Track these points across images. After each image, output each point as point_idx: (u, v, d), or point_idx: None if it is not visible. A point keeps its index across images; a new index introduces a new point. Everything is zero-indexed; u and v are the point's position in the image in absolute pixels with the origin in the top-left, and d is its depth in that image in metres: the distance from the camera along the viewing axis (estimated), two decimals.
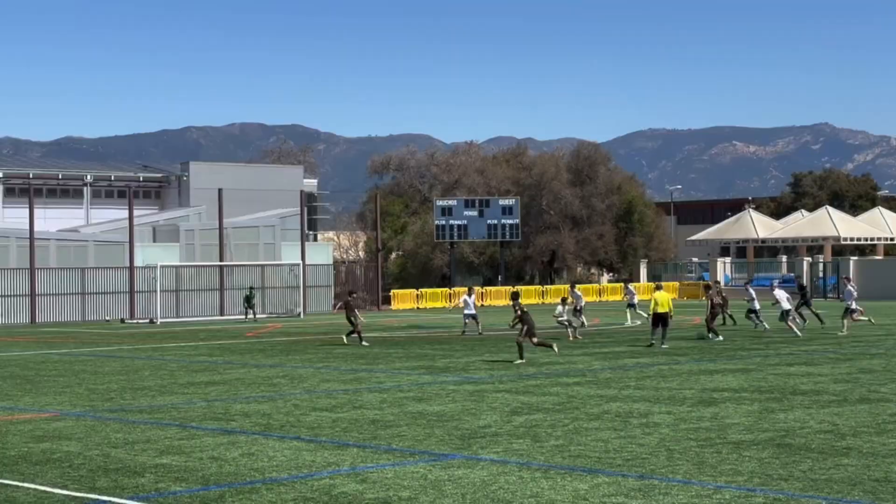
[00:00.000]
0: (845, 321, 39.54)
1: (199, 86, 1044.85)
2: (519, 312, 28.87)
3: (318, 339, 40.08)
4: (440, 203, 75.96)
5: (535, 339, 28.46)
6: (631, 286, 52.41)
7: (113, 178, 76.06)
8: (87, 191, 74.88)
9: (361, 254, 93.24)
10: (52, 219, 69.13)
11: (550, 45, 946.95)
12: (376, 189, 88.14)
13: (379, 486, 12.72)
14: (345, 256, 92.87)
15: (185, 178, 75.08)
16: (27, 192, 61.14)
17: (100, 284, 58.16)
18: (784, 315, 38.82)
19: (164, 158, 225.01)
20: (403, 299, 70.86)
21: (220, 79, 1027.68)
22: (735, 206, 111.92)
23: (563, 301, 37.59)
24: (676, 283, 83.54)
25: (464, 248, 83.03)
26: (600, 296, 77.97)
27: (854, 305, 40.06)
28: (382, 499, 12.01)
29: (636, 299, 48.25)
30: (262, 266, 62.37)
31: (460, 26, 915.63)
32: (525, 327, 28.37)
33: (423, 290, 72.16)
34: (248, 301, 55.93)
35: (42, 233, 59.33)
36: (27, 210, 57.57)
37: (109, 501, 12.05)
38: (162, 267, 57.31)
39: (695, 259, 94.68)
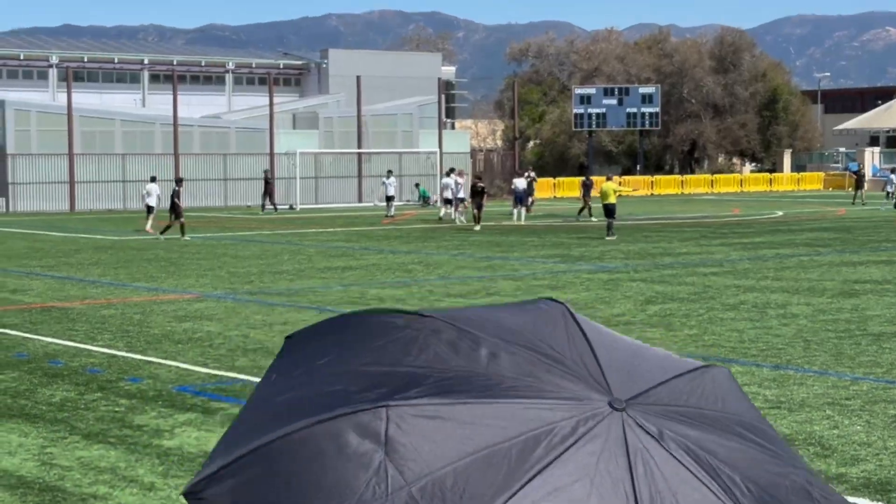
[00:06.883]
0: None
1: None
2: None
3: (454, 226, 40.26)
4: (579, 91, 75.01)
5: None
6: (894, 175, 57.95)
7: (254, 65, 76.80)
8: (229, 78, 75.84)
9: (499, 142, 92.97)
10: (196, 105, 70.31)
11: None
12: (514, 77, 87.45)
13: None
14: (482, 145, 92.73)
15: (324, 66, 75.41)
16: (171, 78, 62.24)
17: (241, 170, 59.22)
18: None
19: (304, 46, 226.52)
20: (540, 188, 70.52)
21: None
22: (886, 95, 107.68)
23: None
24: (822, 174, 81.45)
25: (602, 137, 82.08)
26: (741, 186, 76.56)
27: None
28: None
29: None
30: (400, 154, 62.68)
31: None
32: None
33: (561, 179, 71.72)
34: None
35: (186, 119, 60.46)
36: (171, 97, 58.68)
37: (248, 381, 12.35)
38: (301, 154, 58.04)
39: (842, 149, 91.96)
